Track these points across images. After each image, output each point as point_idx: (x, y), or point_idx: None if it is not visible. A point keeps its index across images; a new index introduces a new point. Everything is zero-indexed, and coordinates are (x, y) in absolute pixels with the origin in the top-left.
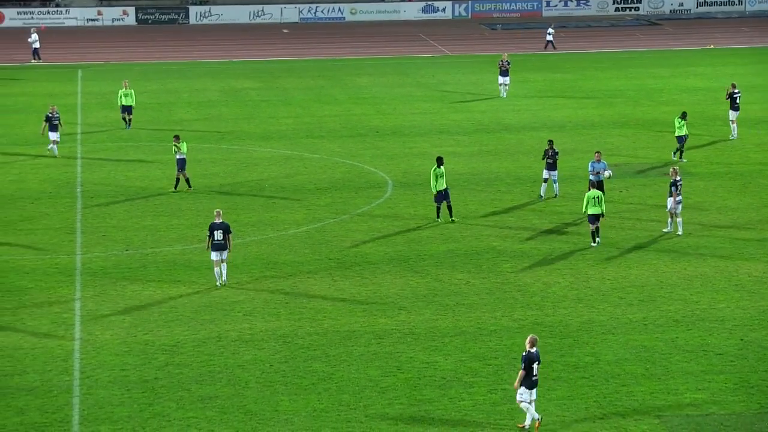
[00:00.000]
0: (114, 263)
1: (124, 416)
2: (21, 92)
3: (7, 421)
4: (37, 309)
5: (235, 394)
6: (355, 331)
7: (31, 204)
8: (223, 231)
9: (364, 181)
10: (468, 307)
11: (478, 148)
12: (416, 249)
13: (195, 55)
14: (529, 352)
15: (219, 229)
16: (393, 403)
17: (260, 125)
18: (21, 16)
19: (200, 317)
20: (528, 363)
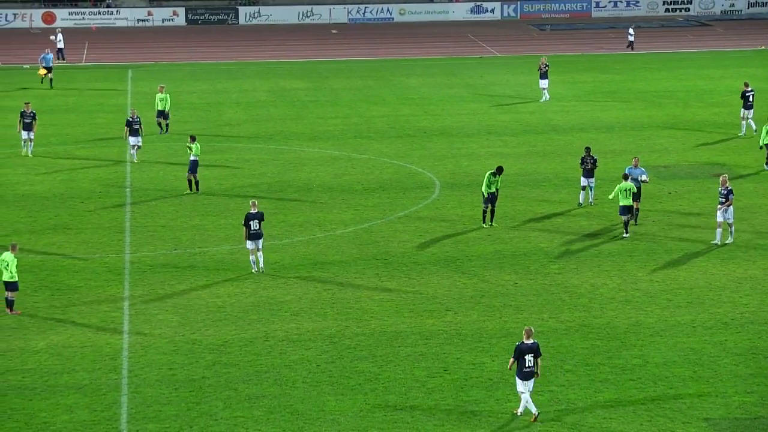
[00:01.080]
0: (162, 262)
1: (171, 415)
2: (71, 92)
3: (56, 419)
4: (86, 307)
5: (282, 393)
6: (402, 332)
7: (81, 203)
8: (258, 220)
9: (412, 181)
10: (515, 309)
11: (526, 149)
12: (463, 250)
13: (244, 55)
14: (522, 342)
15: (255, 218)
16: (439, 404)
17: (308, 125)
18: (72, 17)
19: (248, 317)
20: (518, 353)
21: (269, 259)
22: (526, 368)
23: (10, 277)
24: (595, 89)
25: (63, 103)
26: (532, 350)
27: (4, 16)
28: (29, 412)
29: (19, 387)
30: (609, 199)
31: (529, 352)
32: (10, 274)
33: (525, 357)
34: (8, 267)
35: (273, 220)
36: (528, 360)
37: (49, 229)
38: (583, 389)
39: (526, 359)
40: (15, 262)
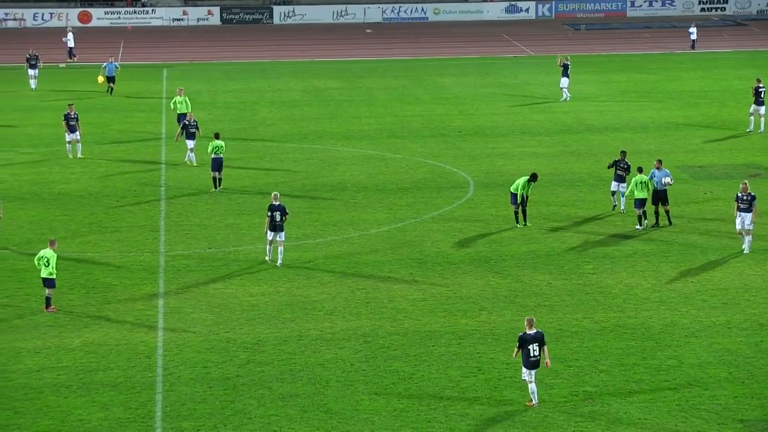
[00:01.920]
0: (197, 261)
1: (205, 413)
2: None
3: (91, 416)
4: (121, 306)
5: (316, 392)
6: (436, 332)
7: (117, 202)
8: (280, 212)
9: (446, 181)
10: (549, 309)
11: (560, 148)
12: (497, 250)
13: (278, 54)
14: (525, 333)
15: (277, 210)
16: (473, 404)
17: (343, 125)
18: (108, 16)
19: (282, 316)
20: (522, 343)
21: (303, 258)
22: (531, 357)
23: (49, 274)
24: (629, 89)
25: (99, 102)
26: (536, 340)
27: (40, 15)
28: (65, 409)
29: (54, 384)
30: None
31: (533, 341)
32: (50, 271)
33: (529, 347)
34: (48, 263)
35: (307, 220)
36: (533, 349)
37: (84, 228)
38: (617, 389)
39: (530, 349)
40: (55, 258)
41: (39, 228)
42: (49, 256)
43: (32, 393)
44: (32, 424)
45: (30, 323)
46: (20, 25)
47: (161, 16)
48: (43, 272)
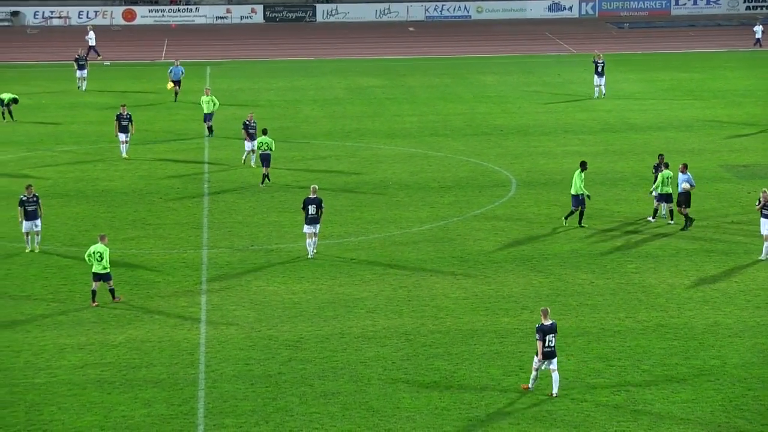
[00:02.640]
0: (239, 258)
1: (248, 410)
2: (151, 89)
3: (134, 412)
4: (164, 302)
5: (358, 390)
6: (478, 330)
7: (160, 199)
8: (316, 206)
9: (488, 179)
10: (591, 308)
11: (603, 147)
12: (539, 248)
13: (321, 52)
14: (542, 324)
15: (313, 203)
16: (514, 403)
17: (385, 123)
18: (152, 14)
19: (323, 313)
20: (542, 334)
21: (345, 256)
22: (546, 348)
23: (103, 268)
24: (673, 87)
25: (143, 100)
26: (553, 330)
27: (85, 13)
28: (108, 405)
29: (98, 380)
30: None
31: (550, 332)
32: (104, 265)
33: (547, 337)
34: (102, 258)
35: (349, 218)
36: (548, 340)
37: (128, 225)
38: (660, 389)
39: (547, 339)
40: (108, 252)
41: (83, 225)
42: (101, 250)
43: (76, 389)
44: (76, 419)
45: (74, 319)
46: (65, 23)
47: (205, 14)
48: (96, 267)
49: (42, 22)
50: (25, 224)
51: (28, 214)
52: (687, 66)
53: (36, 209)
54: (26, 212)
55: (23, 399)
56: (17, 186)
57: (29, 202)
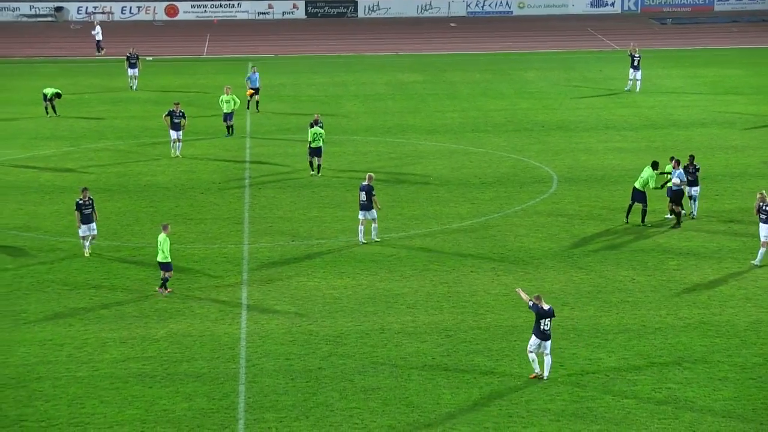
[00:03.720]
0: (280, 253)
1: (288, 405)
2: (193, 84)
3: (175, 406)
4: (205, 297)
5: (398, 386)
6: (518, 326)
7: (201, 194)
8: (366, 192)
9: (529, 175)
10: (632, 305)
11: (645, 144)
12: (580, 245)
13: (363, 48)
14: (541, 307)
15: (363, 190)
16: (555, 399)
17: (426, 119)
18: (195, 10)
19: (364, 309)
20: (539, 316)
21: (385, 252)
22: (542, 330)
23: (164, 258)
24: (716, 83)
25: (184, 97)
26: (550, 315)
27: (128, 9)
28: (149, 399)
29: (139, 374)
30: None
31: (546, 316)
32: (164, 255)
33: (542, 320)
34: (163, 248)
35: (390, 213)
36: (544, 323)
37: (169, 219)
38: (701, 387)
39: (542, 322)
40: (168, 242)
41: (125, 219)
42: (161, 240)
43: (118, 382)
44: (117, 413)
45: (116, 313)
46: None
47: (247, 9)
48: (159, 256)
49: (85, 17)
50: (81, 228)
51: (85, 217)
52: (730, 62)
53: (91, 213)
54: (82, 216)
55: (66, 392)
56: (61, 181)
57: (85, 206)
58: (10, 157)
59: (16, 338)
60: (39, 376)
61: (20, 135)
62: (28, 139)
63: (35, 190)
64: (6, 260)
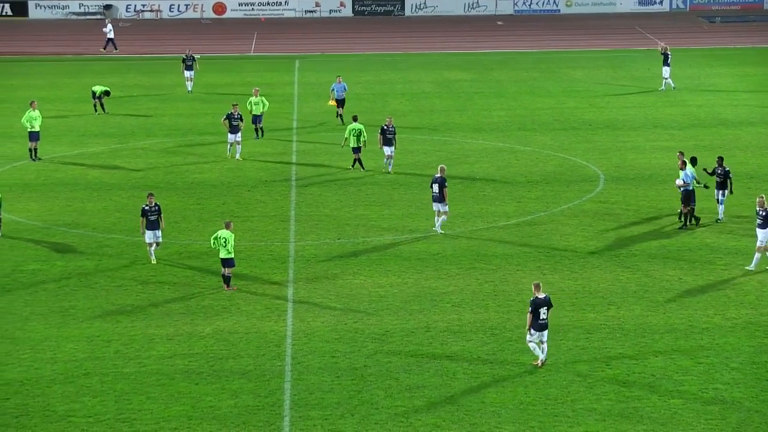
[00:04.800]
0: (326, 251)
1: (333, 402)
2: (240, 82)
3: (221, 403)
4: (251, 294)
5: (443, 384)
6: (564, 326)
7: (248, 192)
8: (439, 184)
9: (576, 174)
10: (679, 304)
11: (693, 142)
12: (627, 244)
13: (409, 46)
14: (536, 297)
15: (436, 182)
16: (601, 399)
17: (472, 117)
18: (242, 8)
19: (409, 307)
20: (535, 307)
21: (431, 250)
22: (540, 320)
23: (227, 254)
24: (765, 82)
25: (231, 93)
26: (546, 304)
27: (176, 7)
28: (195, 395)
29: (186, 371)
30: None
31: (543, 305)
32: (228, 252)
33: (540, 310)
34: (226, 243)
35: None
36: (542, 312)
37: (216, 217)
38: (749, 388)
39: (541, 312)
40: (233, 238)
41: (172, 217)
42: (227, 236)
43: (164, 379)
44: (164, 409)
45: (163, 311)
46: (156, 16)
47: (294, 7)
48: (222, 253)
49: (134, 15)
50: (147, 234)
51: (150, 223)
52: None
53: (157, 219)
54: (148, 222)
55: (113, 388)
56: (109, 178)
57: (151, 212)
58: (59, 154)
59: (64, 334)
60: (87, 372)
61: (69, 132)
62: (77, 136)
63: (83, 187)
64: (54, 257)
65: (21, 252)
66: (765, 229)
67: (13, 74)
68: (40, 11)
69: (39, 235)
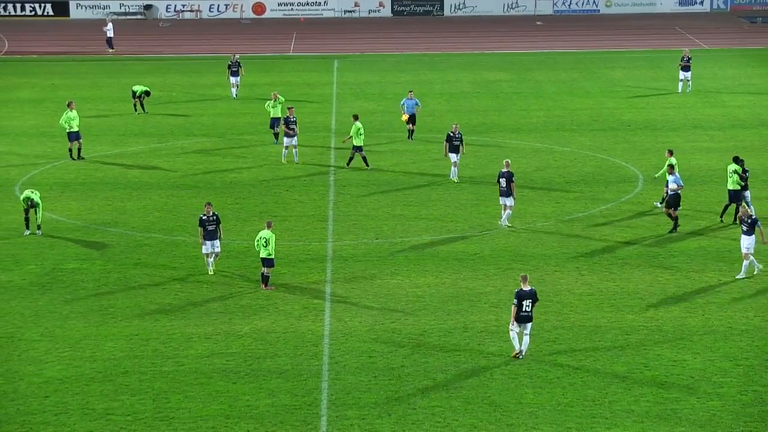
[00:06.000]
0: (364, 251)
1: (370, 402)
2: (279, 82)
3: (259, 402)
4: (289, 294)
5: (480, 384)
6: (602, 326)
7: (286, 191)
8: (506, 179)
9: (615, 175)
10: (718, 306)
11: (733, 143)
12: (666, 245)
13: (448, 46)
14: (521, 289)
15: (503, 177)
16: (639, 401)
17: (511, 117)
18: (281, 8)
19: (447, 307)
20: (518, 299)
21: (469, 250)
22: (523, 312)
23: (268, 254)
24: None
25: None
26: (530, 296)
27: (216, 7)
28: (233, 394)
29: (223, 370)
30: None
31: (527, 297)
32: (268, 252)
33: (523, 302)
34: (267, 244)
35: (473, 212)
36: (525, 305)
37: (254, 216)
38: None
39: (524, 304)
40: (274, 238)
41: None
42: (267, 236)
43: (202, 378)
44: (202, 408)
45: (201, 310)
46: (196, 17)
47: (333, 7)
48: (263, 252)
49: (174, 15)
50: (205, 245)
51: (208, 234)
52: None
53: (216, 229)
54: (206, 232)
55: (151, 387)
56: (148, 177)
57: (209, 222)
58: (99, 153)
59: (103, 333)
60: (125, 371)
61: (109, 132)
62: (117, 135)
63: (123, 186)
64: (94, 255)
65: (61, 251)
66: (750, 236)
67: (54, 74)
68: (81, 11)
69: (79, 234)
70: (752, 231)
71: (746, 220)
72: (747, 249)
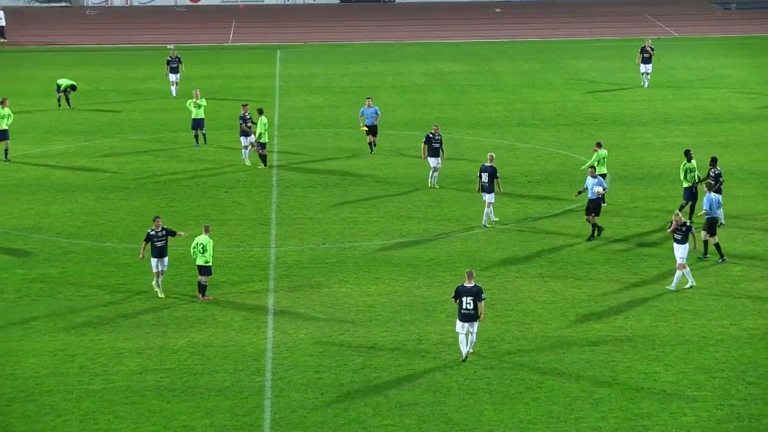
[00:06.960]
0: (309, 257)
1: (317, 421)
2: (218, 74)
3: (196, 422)
4: (228, 304)
5: (436, 401)
6: (567, 337)
7: (225, 193)
8: (489, 174)
9: (580, 173)
10: (692, 314)
11: (707, 139)
12: (636, 249)
13: (400, 35)
14: (462, 285)
15: (486, 171)
16: (607, 416)
17: (468, 112)
18: None
19: (400, 318)
20: (457, 295)
21: (424, 255)
22: (464, 310)
23: (205, 262)
24: None
25: (208, 86)
26: (472, 293)
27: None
28: (168, 414)
29: (157, 387)
30: None
31: (467, 294)
32: (206, 259)
33: (463, 299)
34: (204, 250)
35: (429, 213)
36: (466, 302)
37: (190, 221)
38: (767, 404)
39: (464, 301)
40: (211, 244)
41: (143, 220)
42: (205, 242)
43: (134, 396)
44: (134, 429)
45: (133, 322)
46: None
47: None
48: (199, 260)
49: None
50: (153, 262)
51: (157, 250)
52: None
53: (165, 245)
54: (154, 248)
55: (78, 407)
56: (74, 178)
57: (158, 238)
58: (20, 153)
59: (25, 348)
60: (49, 389)
61: (32, 129)
62: (41, 133)
63: (46, 188)
64: (15, 263)
65: None
66: (684, 245)
67: None
68: None
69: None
70: (686, 239)
71: (680, 228)
72: (681, 259)
